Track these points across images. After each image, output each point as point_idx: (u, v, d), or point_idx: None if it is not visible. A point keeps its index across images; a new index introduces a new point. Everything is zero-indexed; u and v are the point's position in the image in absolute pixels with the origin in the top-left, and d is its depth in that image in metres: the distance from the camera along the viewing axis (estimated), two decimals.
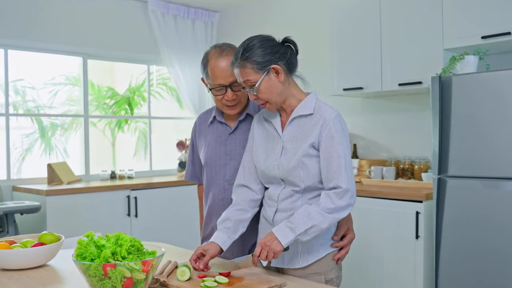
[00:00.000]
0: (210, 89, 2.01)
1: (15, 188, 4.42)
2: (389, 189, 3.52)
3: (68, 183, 4.51)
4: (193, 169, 2.31)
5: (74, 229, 3.88)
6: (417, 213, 3.25)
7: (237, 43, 2.08)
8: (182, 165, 5.44)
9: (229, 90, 1.96)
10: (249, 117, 2.08)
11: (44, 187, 4.26)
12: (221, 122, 2.13)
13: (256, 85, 1.74)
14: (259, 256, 1.68)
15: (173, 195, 4.87)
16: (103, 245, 1.50)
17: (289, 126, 1.83)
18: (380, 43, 3.80)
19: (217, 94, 1.99)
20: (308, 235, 1.68)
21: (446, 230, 3.06)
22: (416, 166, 3.88)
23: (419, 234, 3.25)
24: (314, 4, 4.77)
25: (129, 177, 5.09)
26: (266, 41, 1.77)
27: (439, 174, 3.09)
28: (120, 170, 5.10)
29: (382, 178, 3.93)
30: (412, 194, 3.31)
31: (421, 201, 3.24)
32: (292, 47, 1.81)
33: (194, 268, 1.74)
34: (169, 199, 4.84)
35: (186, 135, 5.65)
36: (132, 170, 5.17)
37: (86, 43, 4.89)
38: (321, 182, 1.78)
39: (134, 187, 4.56)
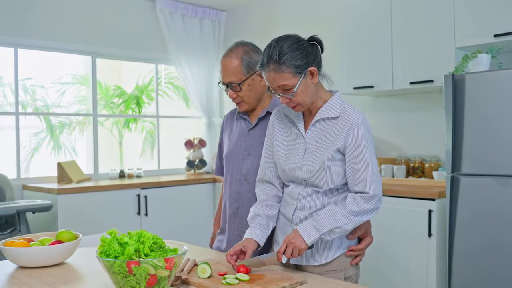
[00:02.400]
0: (218, 83, 2.12)
1: (24, 187, 4.44)
2: (401, 187, 3.52)
3: (78, 182, 4.51)
4: (220, 164, 2.35)
5: (85, 227, 3.89)
6: (430, 211, 3.24)
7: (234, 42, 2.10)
8: (190, 164, 5.44)
9: (229, 89, 2.05)
10: (269, 115, 2.11)
11: (54, 185, 4.27)
12: (244, 118, 2.18)
13: (295, 89, 1.69)
14: (284, 253, 1.69)
15: (183, 194, 4.88)
16: (126, 243, 1.50)
17: (312, 127, 1.81)
18: (391, 41, 3.80)
19: (224, 89, 2.11)
20: (332, 235, 1.70)
21: (459, 228, 3.06)
22: (426, 165, 3.87)
23: (432, 232, 3.24)
24: (322, 3, 4.76)
25: (138, 176, 5.10)
26: (299, 42, 1.71)
27: (452, 172, 3.09)
28: (129, 169, 5.11)
29: (393, 177, 3.92)
30: (424, 192, 3.31)
31: (433, 199, 3.24)
32: (319, 46, 1.77)
33: (229, 262, 1.74)
34: (179, 198, 4.85)
35: (193, 134, 5.66)
36: (140, 169, 5.18)
37: (95, 42, 4.90)
38: (344, 184, 1.78)
39: (144, 186, 4.57)
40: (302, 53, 1.69)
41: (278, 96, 1.75)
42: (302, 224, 1.71)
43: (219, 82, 2.11)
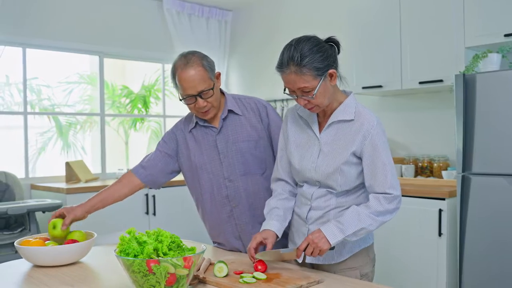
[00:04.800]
0: (181, 99, 2.05)
1: (33, 186, 4.44)
2: (410, 186, 3.52)
3: (86, 181, 4.52)
4: (148, 165, 2.25)
5: (94, 227, 3.88)
6: (440, 210, 3.24)
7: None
8: None
9: (199, 99, 1.99)
10: (231, 112, 2.12)
11: (63, 185, 4.28)
12: (205, 126, 2.14)
13: (315, 91, 1.68)
14: (304, 250, 1.69)
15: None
16: (144, 241, 1.50)
17: (327, 129, 1.80)
18: (400, 40, 3.79)
19: (188, 103, 2.03)
20: (356, 236, 1.70)
21: (470, 227, 3.06)
22: (435, 164, 3.87)
23: (442, 231, 3.24)
24: (329, 2, 4.76)
25: None
26: (320, 44, 1.70)
27: (463, 171, 3.09)
28: None
29: (401, 176, 3.92)
30: (434, 191, 3.31)
31: (443, 199, 3.24)
32: (336, 47, 1.77)
33: (252, 258, 1.75)
34: (187, 197, 4.83)
35: None
36: None
37: (102, 42, 4.91)
38: (357, 185, 1.79)
39: None
40: (323, 55, 1.68)
41: (296, 97, 1.74)
42: (326, 225, 1.71)
43: (181, 99, 2.04)
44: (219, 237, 2.22)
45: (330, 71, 1.71)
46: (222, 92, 2.16)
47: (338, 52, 1.78)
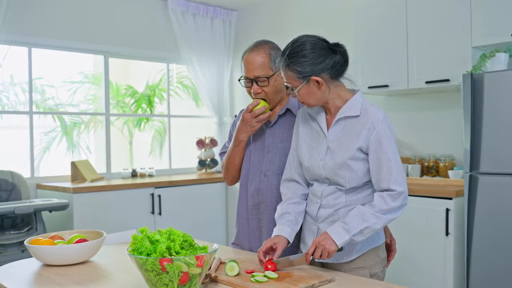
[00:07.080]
0: (239, 79, 2.13)
1: (38, 186, 4.45)
2: (417, 186, 3.51)
3: (92, 181, 4.52)
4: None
5: (100, 226, 3.90)
6: (447, 210, 3.24)
7: (255, 41, 2.13)
8: (202, 163, 5.45)
9: (254, 84, 2.05)
10: (289, 112, 2.13)
11: (69, 184, 4.28)
12: None
13: (295, 90, 1.75)
14: (312, 254, 1.69)
15: (196, 193, 4.90)
16: (157, 240, 1.50)
17: (334, 126, 1.82)
18: (406, 40, 3.79)
19: (246, 86, 2.10)
20: (363, 235, 1.69)
21: (477, 226, 3.06)
22: (441, 164, 3.87)
23: (449, 231, 3.24)
24: (334, 2, 4.75)
25: (150, 175, 5.11)
26: (314, 48, 1.71)
27: (470, 171, 3.08)
28: (141, 168, 5.12)
29: (407, 176, 3.92)
30: (441, 191, 3.31)
31: (450, 198, 3.24)
32: (342, 55, 1.75)
33: (261, 262, 1.75)
34: (192, 197, 4.86)
35: (203, 133, 5.67)
36: (152, 168, 5.19)
37: (107, 42, 4.91)
38: (366, 182, 1.79)
39: (158, 185, 4.58)
40: (310, 61, 1.69)
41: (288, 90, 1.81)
42: (331, 226, 1.72)
43: (240, 79, 2.12)
44: (243, 227, 2.22)
45: (314, 78, 1.71)
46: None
47: (345, 60, 1.76)
